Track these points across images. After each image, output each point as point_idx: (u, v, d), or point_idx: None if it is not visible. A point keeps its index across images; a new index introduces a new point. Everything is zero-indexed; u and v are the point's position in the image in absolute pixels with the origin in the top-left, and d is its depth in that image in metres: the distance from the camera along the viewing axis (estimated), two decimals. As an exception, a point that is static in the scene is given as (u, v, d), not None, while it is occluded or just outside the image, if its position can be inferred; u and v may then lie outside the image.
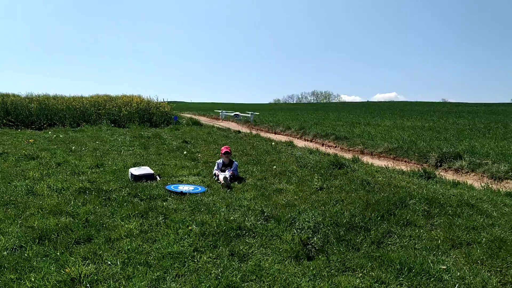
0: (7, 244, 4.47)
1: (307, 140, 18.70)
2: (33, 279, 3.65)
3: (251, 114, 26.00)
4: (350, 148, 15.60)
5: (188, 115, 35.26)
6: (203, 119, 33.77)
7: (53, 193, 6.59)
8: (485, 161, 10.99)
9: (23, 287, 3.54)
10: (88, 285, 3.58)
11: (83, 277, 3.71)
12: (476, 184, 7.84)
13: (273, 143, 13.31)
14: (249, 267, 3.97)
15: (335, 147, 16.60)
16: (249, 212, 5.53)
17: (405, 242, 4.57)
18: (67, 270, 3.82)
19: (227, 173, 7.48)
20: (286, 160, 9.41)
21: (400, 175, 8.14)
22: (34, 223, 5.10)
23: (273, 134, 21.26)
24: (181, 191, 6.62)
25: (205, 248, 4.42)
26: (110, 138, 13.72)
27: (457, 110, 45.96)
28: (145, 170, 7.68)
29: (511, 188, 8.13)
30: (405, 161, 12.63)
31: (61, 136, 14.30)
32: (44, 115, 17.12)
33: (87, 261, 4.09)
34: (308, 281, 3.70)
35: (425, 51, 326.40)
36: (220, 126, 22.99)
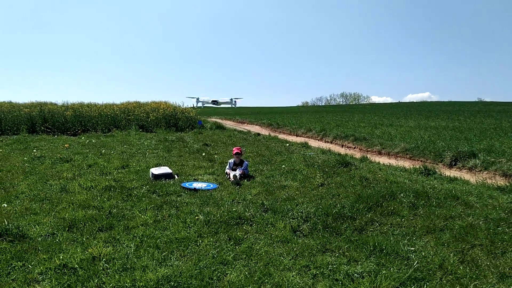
0: (41, 232, 5.27)
1: (327, 142, 19.15)
2: (61, 258, 4.40)
3: (234, 100, 25.56)
4: (368, 149, 15.96)
5: (215, 120, 36.28)
6: (229, 123, 34.67)
7: (83, 190, 7.41)
8: (500, 160, 11.20)
9: (53, 264, 4.29)
10: (105, 261, 4.30)
11: (102, 256, 4.46)
12: (473, 180, 8.16)
13: (287, 145, 13.91)
14: (242, 248, 4.62)
15: (354, 148, 16.99)
16: (250, 204, 6.19)
17: (385, 229, 5.11)
18: (89, 250, 4.58)
19: (238, 172, 8.14)
20: (296, 160, 10.00)
21: (401, 172, 8.61)
22: (65, 215, 5.90)
23: (295, 136, 21.80)
24: (194, 188, 7.33)
25: (208, 234, 5.09)
26: (137, 142, 14.66)
27: (487, 110, 45.11)
28: (164, 169, 8.45)
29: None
30: (421, 161, 12.93)
31: (93, 141, 15.36)
32: (78, 122, 18.37)
33: (107, 244, 4.83)
34: (290, 259, 4.32)
35: (461, 49, 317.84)
36: (243, 130, 23.74)
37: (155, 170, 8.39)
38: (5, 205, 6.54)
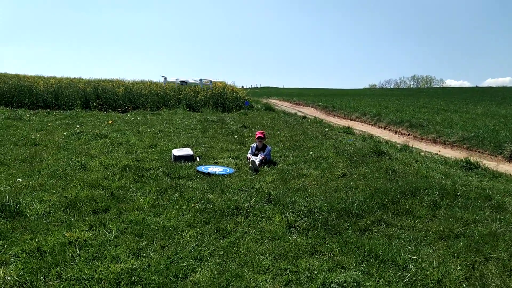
0: (38, 210, 5.21)
1: (381, 127, 18.05)
2: (38, 240, 4.28)
3: (204, 81, 21.97)
4: (423, 136, 14.82)
5: (272, 100, 35.86)
6: (285, 104, 34.05)
7: (101, 168, 7.35)
8: None
9: (29, 245, 4.16)
10: (79, 247, 4.11)
11: (79, 241, 4.27)
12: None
13: (326, 129, 13.16)
14: (224, 243, 4.25)
15: (408, 135, 15.87)
16: (256, 194, 5.77)
17: (392, 231, 4.49)
18: (67, 234, 4.42)
19: (258, 157, 7.74)
20: (327, 147, 9.36)
21: (440, 165, 7.71)
22: (69, 194, 5.82)
23: (348, 120, 20.83)
24: (208, 172, 7.02)
25: (198, 224, 4.77)
26: (179, 121, 14.63)
27: None
28: (185, 151, 8.23)
29: None
30: (479, 152, 11.74)
31: (138, 118, 15.59)
32: (129, 99, 18.81)
33: (92, 228, 4.65)
34: (270, 260, 3.88)
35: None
36: (295, 112, 23.09)
37: (176, 152, 8.20)
38: (20, 180, 6.63)
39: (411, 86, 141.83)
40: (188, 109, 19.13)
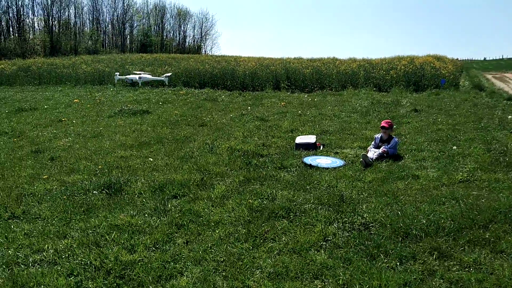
0: (135, 190, 5.73)
1: None
2: (101, 219, 4.77)
3: (165, 76, 18.80)
4: None
5: (509, 75, 30.30)
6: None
7: (224, 153, 7.61)
8: None
9: (91, 223, 4.68)
10: (117, 232, 4.44)
11: (124, 225, 4.59)
12: None
13: (509, 117, 10.18)
14: (237, 249, 4.00)
15: None
16: (327, 194, 5.08)
17: (441, 266, 3.36)
18: (121, 217, 4.81)
19: (379, 150, 6.76)
20: (484, 141, 7.36)
21: None
22: (172, 176, 6.25)
23: None
24: (310, 164, 6.52)
25: (238, 223, 4.55)
26: (353, 103, 13.89)
27: None
28: (307, 139, 7.86)
29: None
30: None
31: (315, 99, 15.50)
32: (316, 80, 18.87)
33: (151, 214, 4.91)
34: (259, 277, 3.49)
35: None
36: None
37: (298, 139, 7.93)
38: (151, 159, 7.47)
39: None
40: (375, 88, 17.97)
